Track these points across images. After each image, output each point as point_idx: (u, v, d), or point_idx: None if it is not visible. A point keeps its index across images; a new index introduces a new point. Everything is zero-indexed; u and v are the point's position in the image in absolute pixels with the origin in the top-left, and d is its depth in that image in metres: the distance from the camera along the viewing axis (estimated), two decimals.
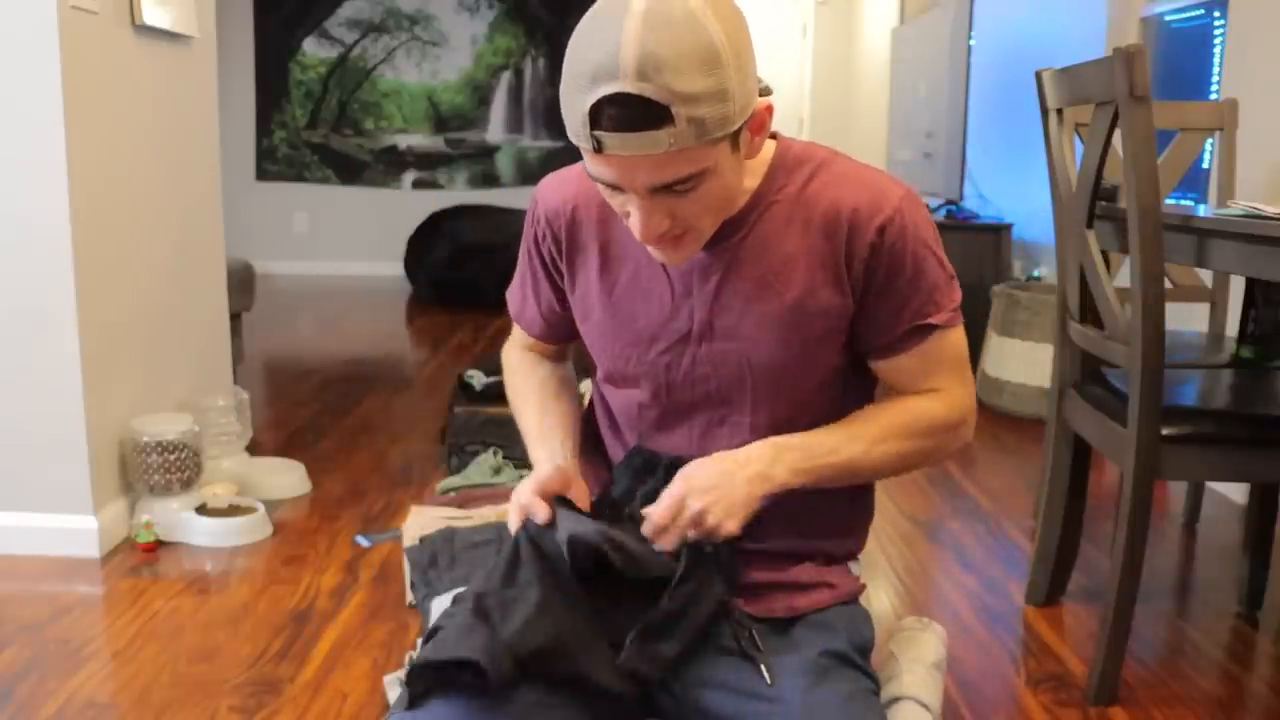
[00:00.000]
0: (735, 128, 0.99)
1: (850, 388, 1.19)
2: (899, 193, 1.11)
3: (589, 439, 1.33)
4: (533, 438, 1.27)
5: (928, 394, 1.18)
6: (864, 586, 1.26)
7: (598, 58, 0.94)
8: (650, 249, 1.08)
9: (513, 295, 1.36)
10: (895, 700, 1.22)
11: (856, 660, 1.14)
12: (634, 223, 1.03)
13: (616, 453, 1.28)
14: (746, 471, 1.09)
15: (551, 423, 1.28)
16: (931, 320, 1.14)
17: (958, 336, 1.18)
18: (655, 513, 1.09)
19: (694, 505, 1.08)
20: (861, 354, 1.18)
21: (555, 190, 1.23)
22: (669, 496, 1.09)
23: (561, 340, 1.36)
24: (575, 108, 0.97)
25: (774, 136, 1.17)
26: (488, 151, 7.60)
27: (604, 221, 1.20)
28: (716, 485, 1.08)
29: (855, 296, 1.13)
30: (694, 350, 1.16)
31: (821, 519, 1.21)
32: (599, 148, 0.97)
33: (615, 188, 1.01)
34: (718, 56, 0.94)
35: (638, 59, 0.92)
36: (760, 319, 1.13)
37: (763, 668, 1.10)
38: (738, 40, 0.97)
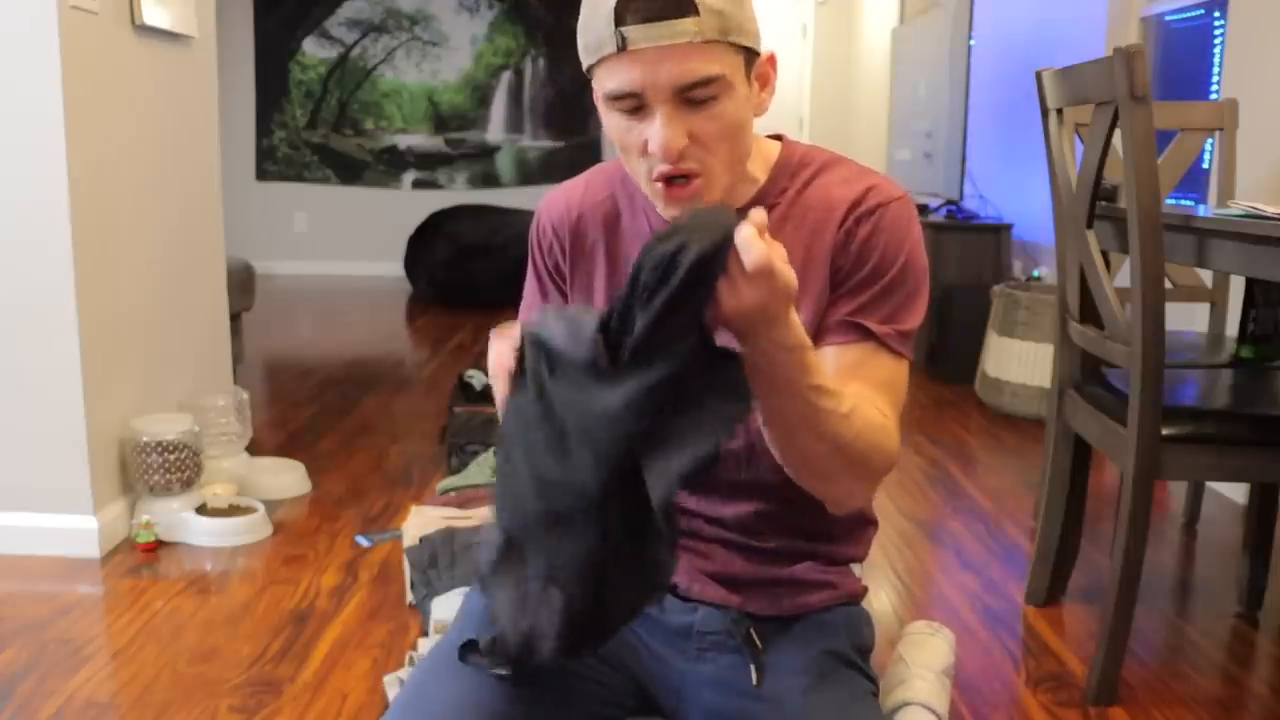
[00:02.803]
0: (751, 43, 1.03)
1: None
2: (897, 193, 1.12)
3: None
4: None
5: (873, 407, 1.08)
6: (866, 589, 1.26)
7: None
8: (657, 197, 1.06)
9: (524, 311, 1.33)
10: (904, 705, 1.22)
11: (856, 661, 1.14)
12: (653, 138, 1.01)
13: None
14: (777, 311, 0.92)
15: None
16: (871, 325, 1.07)
17: (900, 369, 1.10)
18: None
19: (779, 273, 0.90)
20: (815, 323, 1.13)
21: (559, 199, 1.24)
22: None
23: None
24: (599, 12, 0.99)
25: (780, 138, 1.17)
26: (488, 151, 7.60)
27: (610, 226, 1.20)
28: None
29: (834, 279, 1.10)
30: None
31: (824, 524, 1.21)
32: (623, 45, 0.98)
33: (631, 109, 1.01)
34: None
35: None
36: None
37: (751, 668, 1.10)
38: None
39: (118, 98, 2.53)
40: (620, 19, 0.97)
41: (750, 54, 1.04)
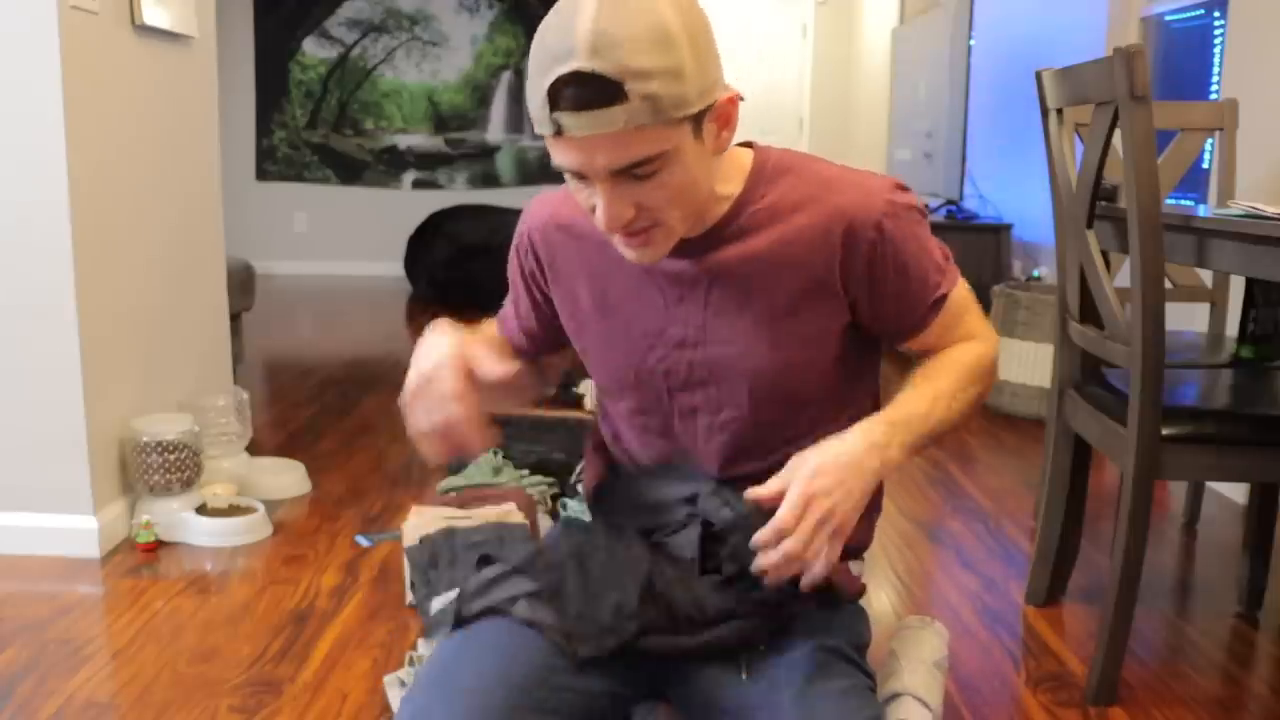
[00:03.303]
0: (694, 110, 1.00)
1: (849, 375, 1.19)
2: (885, 186, 1.12)
3: (598, 442, 1.34)
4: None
5: (967, 340, 1.21)
6: (864, 587, 1.26)
7: (555, 40, 0.97)
8: (619, 245, 1.08)
9: (502, 319, 1.36)
10: (895, 696, 1.22)
11: (853, 656, 1.15)
12: (599, 213, 1.03)
13: (621, 459, 1.29)
14: (870, 460, 1.05)
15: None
16: (942, 291, 1.17)
17: (960, 292, 1.20)
18: (780, 516, 1.02)
19: (822, 502, 1.01)
20: (887, 338, 1.20)
21: (543, 208, 1.25)
22: (794, 493, 1.02)
23: (527, 354, 1.33)
24: (537, 93, 0.99)
25: (751, 145, 1.18)
26: (488, 151, 7.60)
27: (586, 237, 1.20)
28: (842, 475, 1.03)
29: (858, 296, 1.13)
30: (691, 356, 1.16)
31: None
32: (559, 130, 0.98)
33: (579, 176, 1.02)
34: (670, 36, 0.96)
35: (591, 36, 0.94)
36: (752, 324, 1.13)
37: (742, 663, 1.10)
38: (693, 26, 0.99)
39: (118, 98, 2.53)
40: (554, 104, 0.97)
41: (699, 115, 1.02)
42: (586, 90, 0.95)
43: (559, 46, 0.96)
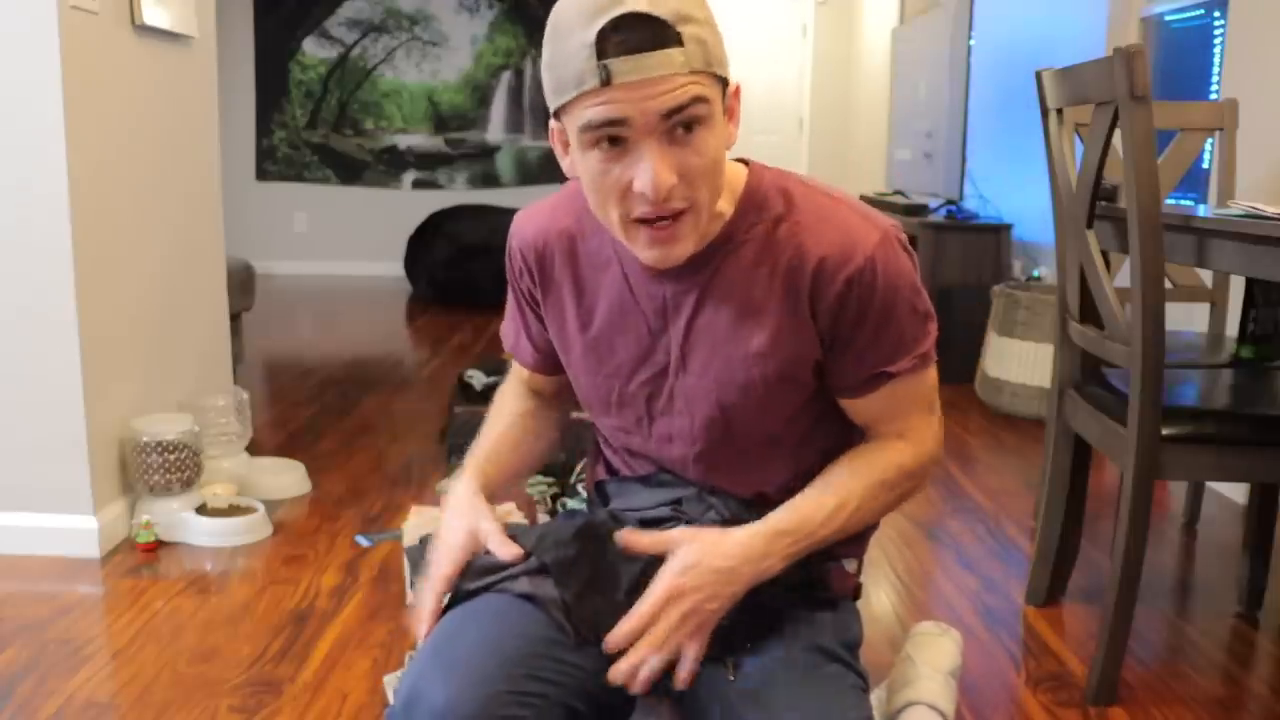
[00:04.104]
0: (726, 73, 1.01)
1: (824, 411, 1.18)
2: (873, 239, 1.08)
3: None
4: (467, 463, 1.29)
5: (895, 440, 1.17)
6: (860, 586, 1.26)
7: None
8: (642, 245, 1.04)
9: (505, 330, 1.34)
10: (910, 705, 1.22)
11: (844, 655, 1.14)
12: (642, 176, 0.98)
13: (617, 465, 1.29)
14: (745, 569, 1.07)
15: (487, 449, 1.30)
16: (891, 369, 1.12)
17: (927, 377, 1.16)
18: (638, 613, 1.05)
19: (684, 602, 1.04)
20: (831, 391, 1.17)
21: (527, 224, 1.22)
22: (658, 588, 1.05)
23: (556, 371, 1.31)
24: (575, 43, 0.96)
25: (746, 163, 1.15)
26: (488, 151, 7.60)
27: (572, 252, 1.18)
28: (712, 579, 1.05)
29: (823, 343, 1.11)
30: (672, 383, 1.15)
31: None
32: (607, 79, 0.95)
33: (619, 127, 0.97)
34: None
35: None
36: (727, 361, 1.12)
37: (728, 662, 1.10)
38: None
39: (118, 98, 2.53)
40: (602, 52, 0.94)
41: (725, 86, 1.03)
42: (644, 32, 0.94)
43: None
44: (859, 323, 1.09)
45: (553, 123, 1.06)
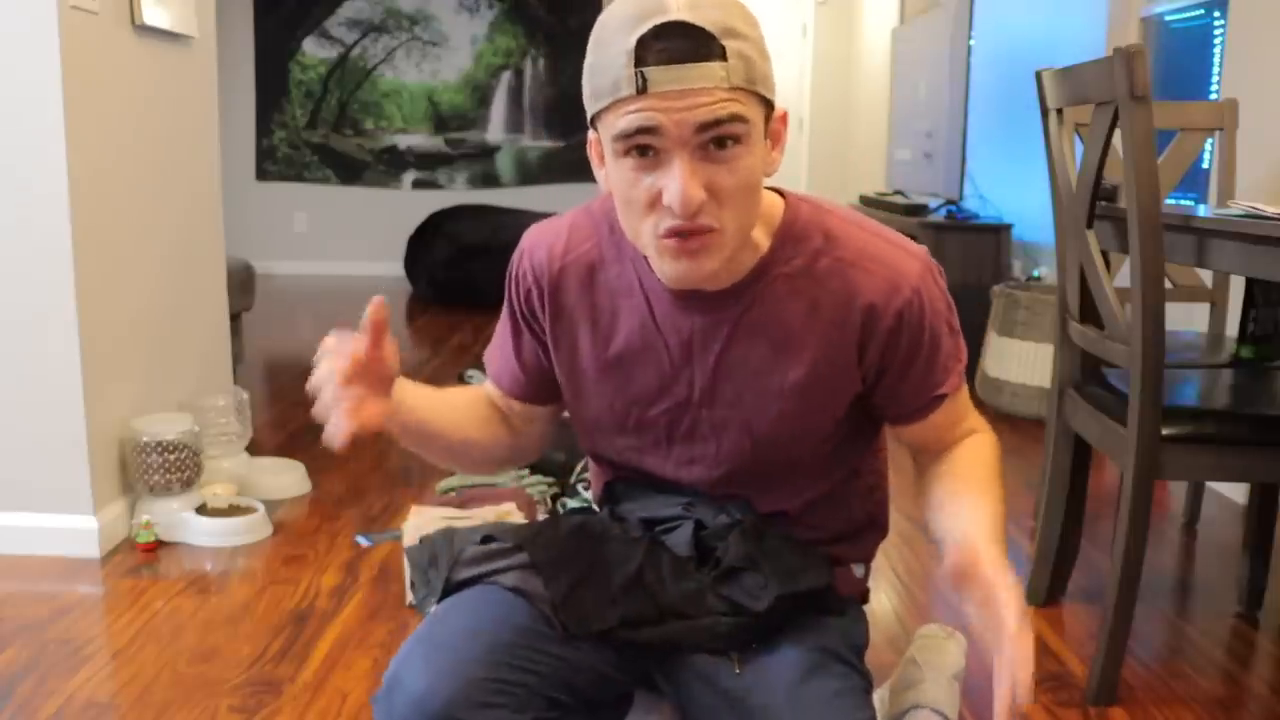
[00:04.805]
0: (771, 95, 0.99)
1: (846, 438, 1.18)
2: (915, 270, 1.08)
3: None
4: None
5: (966, 438, 1.24)
6: (867, 590, 1.26)
7: (643, 1, 0.94)
8: (666, 259, 1.00)
9: (490, 356, 1.27)
10: (915, 708, 1.22)
11: (848, 657, 1.14)
12: (670, 188, 0.95)
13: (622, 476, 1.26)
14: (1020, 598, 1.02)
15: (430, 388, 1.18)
16: (945, 390, 1.15)
17: (964, 389, 1.21)
18: (1025, 686, 0.99)
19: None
20: (886, 420, 1.20)
21: (539, 245, 1.17)
22: (1024, 649, 0.98)
23: (533, 399, 1.24)
24: (615, 50, 0.94)
25: (783, 194, 1.12)
26: (488, 151, 7.60)
27: (590, 279, 1.14)
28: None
29: (869, 377, 1.12)
30: (694, 414, 1.13)
31: (831, 523, 1.21)
32: (644, 86, 0.93)
33: (651, 136, 0.95)
34: (752, 16, 0.98)
35: None
36: (763, 392, 1.11)
37: (734, 657, 1.10)
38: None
39: (118, 98, 2.53)
40: (641, 60, 0.92)
41: (769, 109, 1.00)
42: (685, 42, 0.92)
43: (650, 3, 0.93)
44: (911, 356, 1.10)
45: (590, 133, 1.04)
